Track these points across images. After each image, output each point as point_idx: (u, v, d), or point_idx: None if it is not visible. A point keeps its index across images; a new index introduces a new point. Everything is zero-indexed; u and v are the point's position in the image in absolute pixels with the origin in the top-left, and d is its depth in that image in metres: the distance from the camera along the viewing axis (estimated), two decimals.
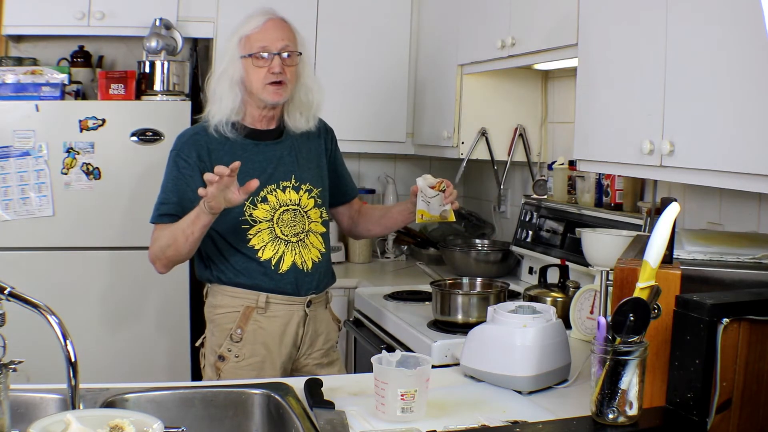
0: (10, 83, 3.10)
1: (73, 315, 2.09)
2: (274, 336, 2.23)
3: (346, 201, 2.53)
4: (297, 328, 2.26)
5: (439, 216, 2.27)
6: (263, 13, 2.22)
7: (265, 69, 2.17)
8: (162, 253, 2.17)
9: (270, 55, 2.17)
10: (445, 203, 2.26)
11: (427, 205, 2.27)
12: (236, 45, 2.20)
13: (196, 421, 1.69)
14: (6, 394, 1.34)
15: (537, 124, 3.39)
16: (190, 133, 2.26)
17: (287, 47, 2.19)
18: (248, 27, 2.20)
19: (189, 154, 2.19)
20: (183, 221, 2.12)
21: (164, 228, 2.17)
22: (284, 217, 2.24)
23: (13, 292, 1.36)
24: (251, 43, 2.18)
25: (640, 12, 2.04)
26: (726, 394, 1.44)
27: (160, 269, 2.21)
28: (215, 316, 2.25)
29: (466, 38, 3.20)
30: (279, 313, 2.23)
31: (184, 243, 2.12)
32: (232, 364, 2.20)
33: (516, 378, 1.79)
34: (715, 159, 1.78)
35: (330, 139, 2.46)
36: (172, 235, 2.13)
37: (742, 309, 1.43)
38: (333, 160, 2.45)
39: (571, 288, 2.50)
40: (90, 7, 3.32)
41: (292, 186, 2.27)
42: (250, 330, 2.21)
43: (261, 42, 2.17)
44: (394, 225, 2.53)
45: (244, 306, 2.21)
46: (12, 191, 3.09)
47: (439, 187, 2.25)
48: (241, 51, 2.20)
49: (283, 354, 2.25)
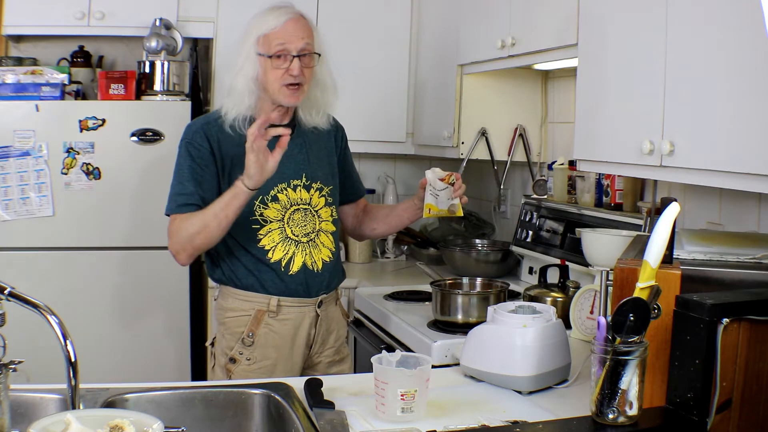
0: (10, 83, 3.10)
1: (73, 315, 2.09)
2: (286, 339, 2.21)
3: (353, 200, 2.49)
4: (309, 330, 2.24)
5: (447, 210, 2.22)
6: (284, 11, 2.14)
7: (283, 70, 2.11)
8: (189, 243, 2.10)
9: (289, 56, 2.11)
10: (454, 197, 2.21)
11: (435, 199, 2.22)
12: (254, 42, 2.13)
13: (196, 421, 1.68)
14: (6, 394, 1.34)
15: (537, 124, 3.38)
16: (201, 122, 2.19)
17: (307, 48, 2.13)
18: (268, 25, 2.12)
19: (201, 143, 2.14)
20: (214, 205, 2.06)
21: (188, 217, 2.10)
22: (295, 216, 2.21)
23: (13, 292, 1.36)
24: (270, 42, 2.11)
25: (640, 12, 2.04)
26: (726, 394, 1.44)
27: (184, 260, 2.14)
28: (226, 319, 2.22)
29: (466, 38, 3.19)
30: (290, 315, 2.21)
31: (217, 227, 2.06)
32: (243, 366, 2.18)
33: (516, 378, 1.79)
34: (715, 159, 1.78)
35: (341, 136, 2.42)
36: (201, 222, 2.07)
37: (742, 309, 1.43)
38: (343, 158, 2.41)
39: (571, 288, 2.50)
40: (90, 7, 3.32)
41: (303, 185, 2.23)
42: (261, 333, 2.19)
43: (281, 42, 2.10)
44: (399, 223, 2.48)
45: (255, 309, 2.18)
46: (12, 191, 3.09)
47: (448, 180, 2.20)
48: (259, 49, 2.12)
49: (296, 356, 2.24)
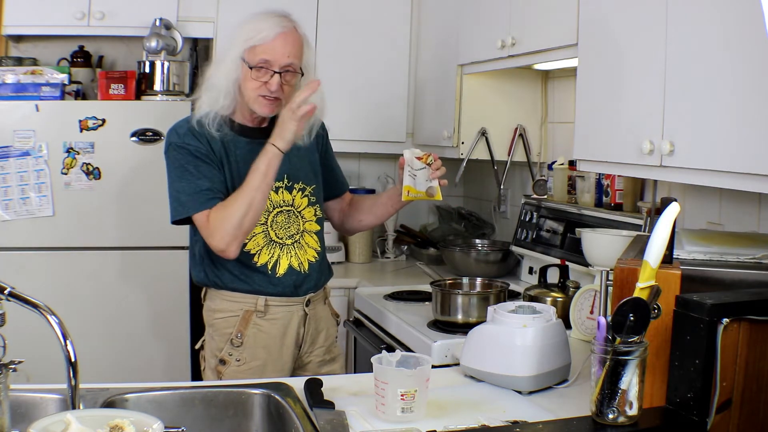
0: (10, 83, 3.10)
1: (73, 315, 2.09)
2: (275, 339, 2.22)
3: (337, 195, 2.48)
4: (298, 329, 2.25)
5: (425, 193, 2.18)
6: (277, 22, 2.11)
7: (261, 83, 2.10)
8: (239, 229, 2.05)
9: (270, 71, 2.09)
10: (431, 177, 2.17)
11: (413, 180, 2.18)
12: (241, 47, 2.12)
13: (196, 421, 1.69)
14: (6, 394, 1.33)
15: (537, 124, 3.38)
16: (185, 126, 2.16)
17: (291, 66, 2.11)
18: (258, 36, 2.08)
19: (196, 143, 2.12)
20: (250, 179, 2.05)
21: (224, 206, 2.06)
22: (278, 219, 2.21)
23: (13, 292, 1.36)
24: (255, 53, 2.09)
25: (640, 12, 2.04)
26: (726, 394, 1.44)
27: (235, 251, 2.08)
28: (214, 321, 2.22)
29: (466, 38, 3.20)
30: (279, 315, 2.21)
31: (262, 200, 2.06)
32: (233, 368, 2.18)
33: (516, 378, 1.79)
34: (715, 159, 1.78)
35: (322, 134, 2.39)
36: (245, 201, 2.04)
37: (742, 309, 1.43)
38: (324, 154, 2.39)
39: (571, 288, 2.50)
40: (90, 7, 3.32)
41: (285, 186, 2.22)
42: (250, 334, 2.19)
43: (265, 56, 2.09)
44: (385, 212, 2.43)
45: (243, 310, 2.19)
46: (12, 191, 3.09)
47: (426, 159, 2.17)
48: (243, 55, 2.11)
49: (285, 355, 2.24)
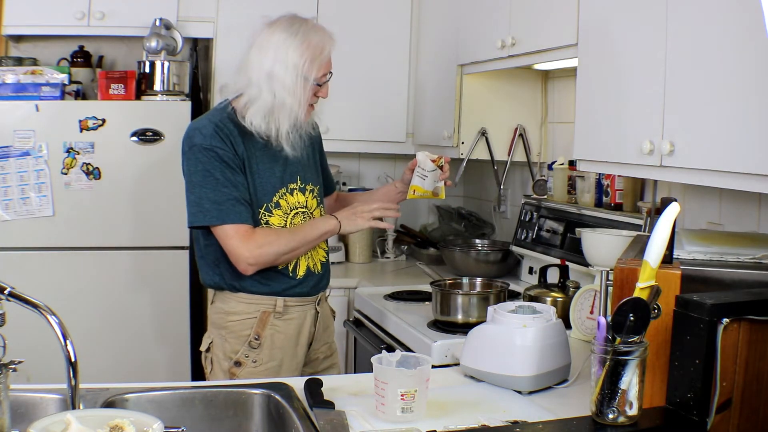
0: (10, 83, 3.10)
1: (73, 315, 2.09)
2: (291, 338, 2.23)
3: (328, 193, 2.50)
4: (310, 327, 2.27)
5: (432, 192, 2.29)
6: (328, 38, 2.19)
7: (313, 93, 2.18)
8: (274, 260, 2.13)
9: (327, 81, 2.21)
10: (440, 179, 2.28)
11: (422, 181, 2.28)
12: (305, 65, 2.12)
13: (196, 421, 1.69)
14: (6, 394, 1.33)
15: (537, 124, 3.38)
16: (211, 126, 2.11)
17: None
18: (323, 55, 2.16)
19: (223, 147, 2.09)
20: (305, 233, 2.17)
21: (273, 234, 2.13)
22: (295, 220, 2.22)
23: (13, 292, 1.36)
24: (321, 70, 2.16)
25: (640, 12, 2.04)
26: (726, 394, 1.44)
27: (252, 272, 2.13)
28: (229, 323, 2.20)
29: (466, 38, 3.19)
30: (295, 314, 2.23)
31: (301, 253, 2.18)
32: (249, 369, 2.18)
33: (516, 378, 1.79)
34: (715, 159, 1.78)
35: (318, 133, 2.41)
36: (292, 244, 2.13)
37: (742, 309, 1.43)
38: (320, 153, 2.43)
39: (571, 288, 2.50)
40: (90, 7, 3.32)
41: (298, 187, 2.24)
42: (267, 335, 2.19)
43: (326, 69, 2.19)
44: None
45: (260, 311, 2.18)
46: (12, 191, 3.09)
47: (438, 162, 2.27)
48: (307, 73, 2.13)
49: (299, 354, 2.25)
